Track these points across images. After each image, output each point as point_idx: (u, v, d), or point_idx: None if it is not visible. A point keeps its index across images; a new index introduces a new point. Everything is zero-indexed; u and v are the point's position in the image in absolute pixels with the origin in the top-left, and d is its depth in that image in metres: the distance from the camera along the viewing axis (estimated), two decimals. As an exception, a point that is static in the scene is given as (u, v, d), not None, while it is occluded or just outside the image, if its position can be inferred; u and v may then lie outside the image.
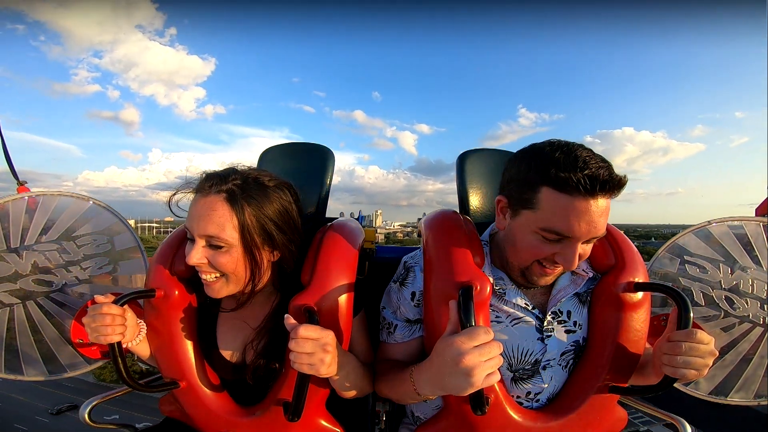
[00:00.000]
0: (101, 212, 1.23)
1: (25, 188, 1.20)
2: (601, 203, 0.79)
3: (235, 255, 0.90)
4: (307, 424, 0.98)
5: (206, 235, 0.88)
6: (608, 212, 0.81)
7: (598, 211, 0.79)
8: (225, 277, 0.93)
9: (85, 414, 1.09)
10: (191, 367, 1.00)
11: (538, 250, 0.86)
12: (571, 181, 0.76)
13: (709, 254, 1.16)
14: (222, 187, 0.89)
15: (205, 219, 0.87)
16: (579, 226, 0.79)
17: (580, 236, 0.80)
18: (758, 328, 1.09)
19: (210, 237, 0.88)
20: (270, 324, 1.01)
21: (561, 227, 0.80)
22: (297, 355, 0.80)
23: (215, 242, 0.89)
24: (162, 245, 1.06)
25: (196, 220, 0.88)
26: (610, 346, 0.93)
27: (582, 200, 0.77)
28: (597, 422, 0.94)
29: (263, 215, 0.91)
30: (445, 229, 1.01)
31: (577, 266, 0.85)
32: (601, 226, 0.80)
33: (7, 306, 1.13)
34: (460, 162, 1.36)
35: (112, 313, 0.87)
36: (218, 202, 0.88)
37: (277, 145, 1.47)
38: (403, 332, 1.02)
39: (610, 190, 0.79)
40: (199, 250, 0.89)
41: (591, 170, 0.76)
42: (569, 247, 0.82)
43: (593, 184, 0.76)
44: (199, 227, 0.88)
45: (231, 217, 0.88)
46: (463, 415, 0.89)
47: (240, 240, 0.89)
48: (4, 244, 1.13)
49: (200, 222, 0.88)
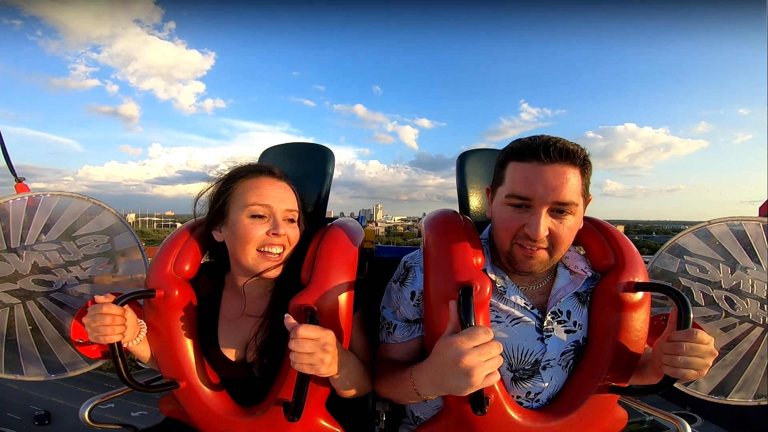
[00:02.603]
0: (101, 212, 1.23)
1: (24, 185, 1.20)
2: (558, 169, 0.86)
3: (299, 230, 1.06)
4: (307, 424, 0.98)
5: (288, 209, 1.03)
6: (572, 181, 0.86)
7: (555, 175, 0.85)
8: (287, 250, 1.03)
9: (85, 414, 1.09)
10: (191, 367, 1.00)
11: (509, 223, 0.91)
12: (527, 149, 0.88)
13: (709, 254, 1.16)
14: (286, 178, 1.08)
15: (286, 198, 1.04)
16: (535, 188, 0.86)
17: (538, 198, 0.86)
18: (758, 328, 1.09)
19: (290, 211, 1.03)
20: (269, 318, 1.02)
21: (520, 190, 0.88)
22: (297, 355, 0.80)
23: (293, 216, 1.04)
24: (162, 245, 1.06)
25: (277, 198, 1.01)
26: (610, 346, 0.93)
27: (537, 164, 0.86)
28: (597, 422, 0.94)
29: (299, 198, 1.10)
30: (445, 229, 1.01)
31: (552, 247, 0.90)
32: (560, 191, 0.85)
33: (7, 306, 1.13)
34: (460, 162, 1.36)
35: (112, 313, 0.87)
36: (288, 186, 1.07)
37: (277, 145, 1.47)
38: (402, 332, 1.02)
39: (565, 158, 0.85)
40: (282, 223, 1.00)
41: (545, 140, 0.87)
42: (533, 215, 0.88)
43: (546, 150, 0.85)
44: (282, 203, 1.02)
45: (296, 197, 1.08)
46: (463, 415, 0.89)
47: (300, 216, 1.07)
48: (4, 244, 1.13)
49: (283, 200, 1.03)
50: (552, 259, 0.93)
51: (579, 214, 0.91)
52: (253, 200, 0.99)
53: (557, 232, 0.88)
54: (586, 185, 0.91)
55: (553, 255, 0.92)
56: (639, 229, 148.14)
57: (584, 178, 0.90)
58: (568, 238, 0.91)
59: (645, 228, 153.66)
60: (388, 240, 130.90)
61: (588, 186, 0.93)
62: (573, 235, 0.92)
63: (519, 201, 0.89)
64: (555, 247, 0.90)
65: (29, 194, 1.18)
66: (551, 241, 0.90)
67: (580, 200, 0.89)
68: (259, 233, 0.98)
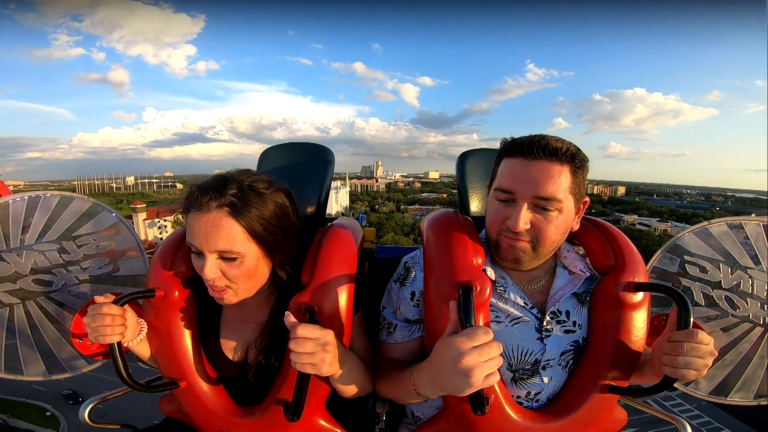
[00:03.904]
0: (101, 212, 1.23)
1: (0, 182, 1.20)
2: (543, 165, 0.88)
3: (248, 264, 0.91)
4: (307, 425, 0.98)
5: (218, 250, 0.88)
6: (555, 177, 0.87)
7: (539, 171, 0.88)
8: (235, 287, 0.94)
9: (85, 414, 1.09)
10: (191, 367, 1.00)
11: (495, 216, 0.94)
12: (515, 146, 0.91)
13: (709, 254, 1.16)
14: (222, 201, 0.88)
15: (214, 236, 0.87)
16: (518, 182, 0.89)
17: (520, 192, 0.89)
18: (758, 328, 1.09)
19: (222, 252, 0.88)
20: (271, 324, 1.02)
21: (506, 184, 0.91)
22: (298, 356, 0.80)
23: (228, 255, 0.89)
24: (162, 245, 1.06)
25: (203, 237, 0.87)
26: (610, 346, 0.93)
27: (523, 160, 0.89)
28: (597, 422, 0.94)
29: (266, 221, 0.92)
30: (446, 229, 1.01)
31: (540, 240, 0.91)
32: (541, 186, 0.87)
33: (7, 306, 1.13)
34: (461, 162, 1.37)
35: (112, 313, 0.87)
36: (222, 217, 0.87)
37: (277, 145, 1.47)
38: (402, 332, 1.02)
39: (550, 155, 0.87)
40: (213, 265, 0.89)
41: (532, 137, 0.91)
42: (515, 207, 0.90)
43: (530, 147, 0.88)
44: (208, 244, 0.87)
45: (239, 230, 0.88)
46: (462, 415, 0.89)
47: (250, 250, 0.90)
48: (4, 244, 1.13)
49: (209, 239, 0.87)
50: (537, 254, 0.94)
51: (567, 213, 0.91)
52: (188, 238, 0.91)
53: (539, 227, 0.90)
54: (578, 184, 0.91)
55: (537, 249, 0.93)
56: (640, 191, 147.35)
57: (575, 177, 0.90)
58: (554, 235, 0.91)
59: (646, 190, 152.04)
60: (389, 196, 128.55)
61: (581, 186, 0.93)
62: (560, 233, 0.93)
63: (504, 195, 0.92)
64: (538, 241, 0.91)
65: (29, 194, 1.18)
66: (534, 236, 0.91)
67: (566, 197, 0.89)
68: (198, 270, 0.92)
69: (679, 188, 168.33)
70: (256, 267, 0.93)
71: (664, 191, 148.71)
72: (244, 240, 0.89)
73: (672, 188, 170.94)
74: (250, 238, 0.90)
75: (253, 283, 0.96)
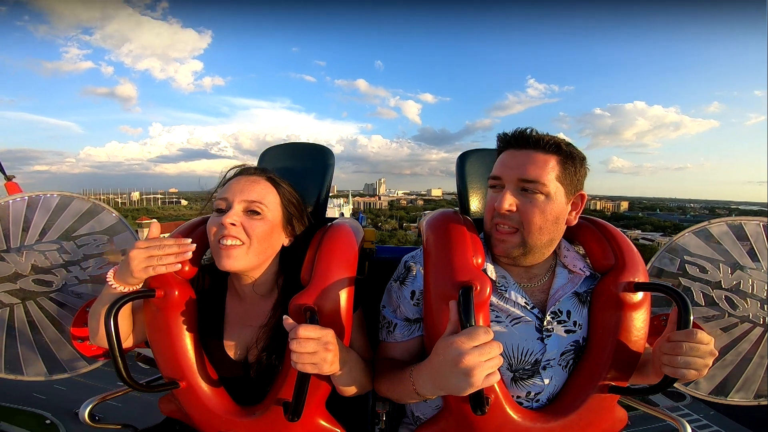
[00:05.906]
0: (101, 212, 1.23)
1: (14, 183, 1.20)
2: (528, 153, 0.94)
3: (268, 225, 0.98)
4: (307, 424, 0.98)
5: (249, 200, 0.96)
6: (540, 163, 0.93)
7: (525, 157, 0.94)
8: (248, 245, 0.95)
9: (85, 414, 1.09)
10: (191, 366, 1.00)
11: (489, 203, 1.00)
12: (505, 140, 0.99)
13: (709, 254, 1.16)
14: (265, 174, 1.04)
15: (249, 188, 0.98)
16: (505, 168, 0.96)
17: (506, 176, 0.95)
18: (758, 328, 1.09)
19: (252, 202, 0.97)
20: (272, 323, 1.02)
21: (495, 172, 0.99)
22: (299, 356, 0.80)
23: (255, 207, 0.97)
24: None
25: (239, 189, 0.97)
26: (610, 346, 0.93)
27: (512, 151, 0.97)
28: (597, 422, 0.94)
29: (293, 198, 1.06)
30: (446, 229, 1.01)
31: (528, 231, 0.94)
32: (524, 169, 0.93)
33: (7, 306, 1.13)
34: (460, 162, 1.36)
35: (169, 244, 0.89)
36: (263, 180, 1.02)
37: (277, 145, 1.47)
38: (402, 331, 1.02)
39: (533, 144, 0.94)
40: (238, 212, 0.95)
41: (521, 130, 0.97)
42: (502, 191, 0.96)
43: (516, 138, 0.97)
44: (242, 194, 0.97)
45: (273, 191, 1.02)
46: (463, 415, 0.89)
47: (275, 211, 1.00)
48: (4, 244, 1.13)
49: (244, 190, 0.97)
50: (528, 247, 0.95)
51: (556, 201, 0.93)
52: (219, 195, 0.99)
53: (524, 210, 0.93)
54: (568, 175, 0.94)
55: (525, 238, 0.94)
56: (643, 206, 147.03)
57: (564, 167, 0.94)
58: (539, 219, 0.93)
59: (649, 205, 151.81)
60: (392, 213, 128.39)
61: (573, 179, 0.95)
62: (547, 220, 0.93)
63: (494, 182, 0.99)
64: (525, 228, 0.93)
65: (29, 194, 1.18)
66: (520, 221, 0.93)
67: (552, 184, 0.92)
68: (216, 225, 0.95)
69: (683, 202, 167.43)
70: (272, 232, 1.00)
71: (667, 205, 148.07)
72: (274, 200, 1.01)
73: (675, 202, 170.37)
74: (279, 203, 1.02)
75: (263, 249, 0.99)
